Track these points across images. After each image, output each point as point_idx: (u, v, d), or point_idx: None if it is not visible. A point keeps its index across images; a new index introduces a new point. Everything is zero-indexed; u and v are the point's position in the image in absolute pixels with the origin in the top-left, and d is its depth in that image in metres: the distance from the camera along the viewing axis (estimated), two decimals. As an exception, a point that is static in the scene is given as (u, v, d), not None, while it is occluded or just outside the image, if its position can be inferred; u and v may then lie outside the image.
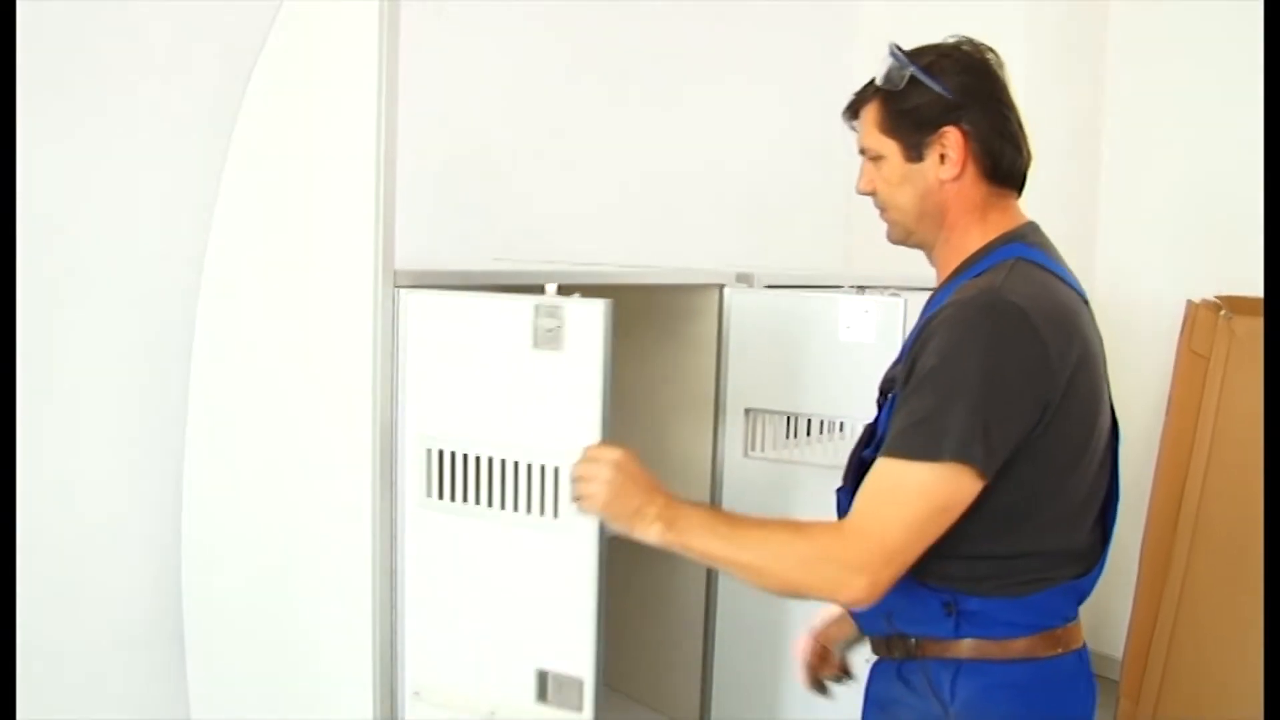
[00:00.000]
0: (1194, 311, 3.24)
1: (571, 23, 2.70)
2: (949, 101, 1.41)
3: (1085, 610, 1.54)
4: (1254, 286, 2.98)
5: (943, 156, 1.43)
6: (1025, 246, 1.44)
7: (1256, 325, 3.07)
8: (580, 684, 1.53)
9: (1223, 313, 3.19)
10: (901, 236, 1.51)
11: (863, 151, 1.51)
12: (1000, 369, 1.30)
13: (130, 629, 2.28)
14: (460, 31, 2.48)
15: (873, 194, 1.51)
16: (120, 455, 2.19)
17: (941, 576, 1.41)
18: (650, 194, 2.84)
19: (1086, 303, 1.45)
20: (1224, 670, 3.02)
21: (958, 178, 1.43)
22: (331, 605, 1.68)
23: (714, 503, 2.07)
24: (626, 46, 2.82)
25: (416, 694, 1.61)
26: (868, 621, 1.54)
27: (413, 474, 1.56)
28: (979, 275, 1.40)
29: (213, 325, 1.96)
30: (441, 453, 1.56)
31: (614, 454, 1.43)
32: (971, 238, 1.45)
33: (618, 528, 1.43)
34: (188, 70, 2.10)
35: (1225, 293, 3.19)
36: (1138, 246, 3.64)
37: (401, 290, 1.55)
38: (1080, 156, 3.65)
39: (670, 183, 2.86)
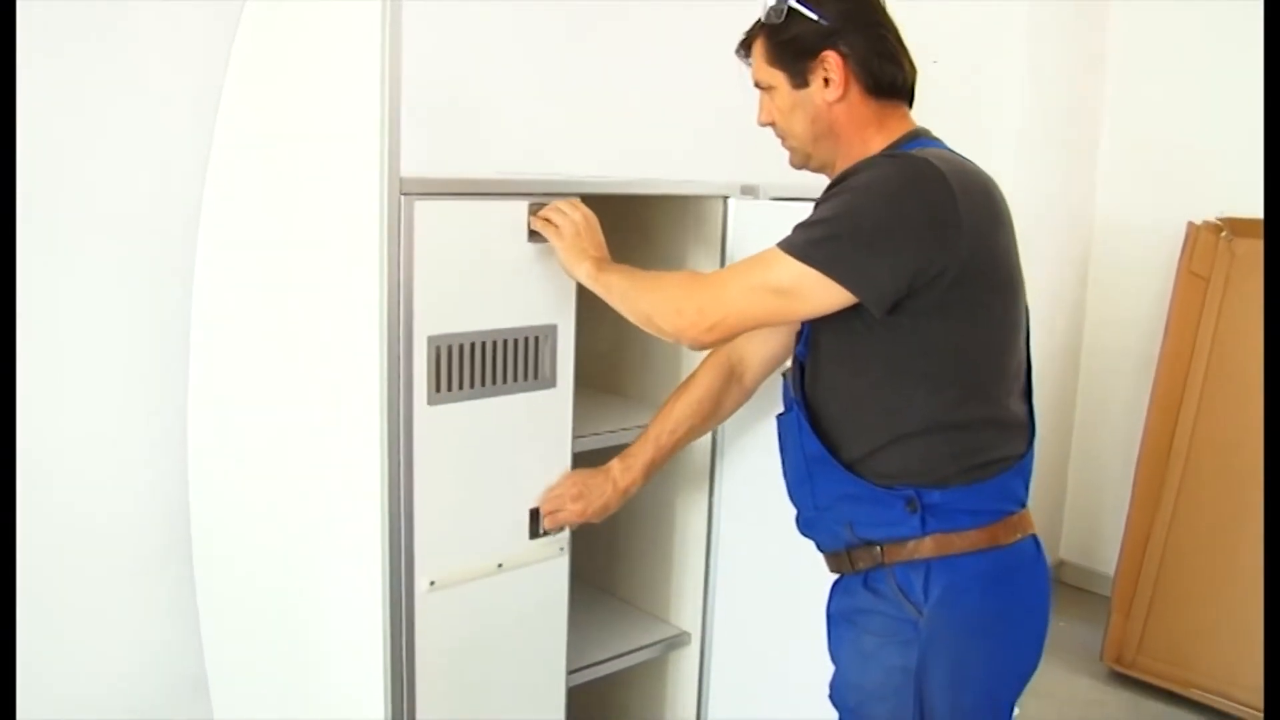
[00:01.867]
0: (1195, 233, 3.24)
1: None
2: (826, 28, 1.50)
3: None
4: (1256, 208, 2.99)
5: (826, 80, 1.52)
6: (931, 140, 1.53)
7: (1258, 247, 3.09)
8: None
9: (1223, 234, 3.20)
10: (801, 161, 1.60)
11: (757, 85, 1.60)
12: (904, 206, 1.38)
13: (139, 547, 2.32)
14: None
15: (772, 125, 1.61)
16: (125, 368, 2.21)
17: (902, 473, 1.46)
18: (654, 107, 2.82)
19: (999, 189, 1.50)
20: (1215, 587, 3.08)
21: (842, 98, 1.52)
22: (342, 509, 1.72)
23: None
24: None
25: (432, 584, 1.66)
26: (827, 538, 1.58)
27: (420, 372, 1.59)
28: None
29: (216, 239, 1.98)
30: (450, 348, 1.62)
31: (585, 210, 1.69)
32: (873, 144, 1.54)
33: (560, 258, 1.68)
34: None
35: (1227, 214, 3.20)
36: (1139, 167, 3.64)
37: (406, 198, 1.56)
38: (1083, 77, 3.63)
39: (674, 95, 2.85)
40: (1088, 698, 3.20)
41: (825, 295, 1.40)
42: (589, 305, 1.81)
